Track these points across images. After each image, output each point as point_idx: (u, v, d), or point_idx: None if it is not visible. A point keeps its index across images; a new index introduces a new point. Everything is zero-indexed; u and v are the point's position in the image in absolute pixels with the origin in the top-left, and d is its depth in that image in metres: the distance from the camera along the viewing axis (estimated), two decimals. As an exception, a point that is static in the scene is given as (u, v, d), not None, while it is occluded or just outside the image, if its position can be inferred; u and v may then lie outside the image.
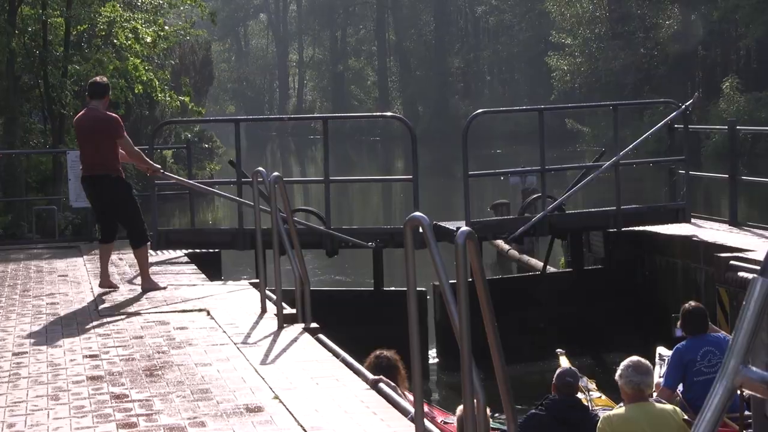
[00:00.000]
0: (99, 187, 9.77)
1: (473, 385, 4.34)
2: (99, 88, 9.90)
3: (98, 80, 10.13)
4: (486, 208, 21.41)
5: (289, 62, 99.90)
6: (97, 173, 9.70)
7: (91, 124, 9.71)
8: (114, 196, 9.77)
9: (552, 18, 58.87)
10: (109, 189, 9.73)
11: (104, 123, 9.64)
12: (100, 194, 9.82)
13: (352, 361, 6.86)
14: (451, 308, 4.47)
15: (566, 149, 47.58)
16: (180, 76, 35.46)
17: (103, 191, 9.77)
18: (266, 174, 8.51)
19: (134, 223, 9.91)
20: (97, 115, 9.70)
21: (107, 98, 9.90)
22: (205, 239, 13.06)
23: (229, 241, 12.66)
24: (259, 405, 5.83)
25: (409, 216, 4.82)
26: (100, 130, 9.64)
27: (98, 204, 10.08)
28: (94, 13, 21.82)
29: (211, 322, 8.40)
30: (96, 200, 10.04)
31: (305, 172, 59.02)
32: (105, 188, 9.74)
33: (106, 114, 9.75)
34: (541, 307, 13.08)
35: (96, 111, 9.73)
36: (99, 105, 9.77)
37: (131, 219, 9.90)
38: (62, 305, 9.43)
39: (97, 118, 9.69)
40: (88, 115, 9.80)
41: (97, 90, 9.87)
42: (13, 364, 7.08)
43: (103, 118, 9.69)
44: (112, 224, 10.07)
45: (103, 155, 9.64)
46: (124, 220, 9.96)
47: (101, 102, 9.80)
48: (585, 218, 13.78)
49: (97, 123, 9.67)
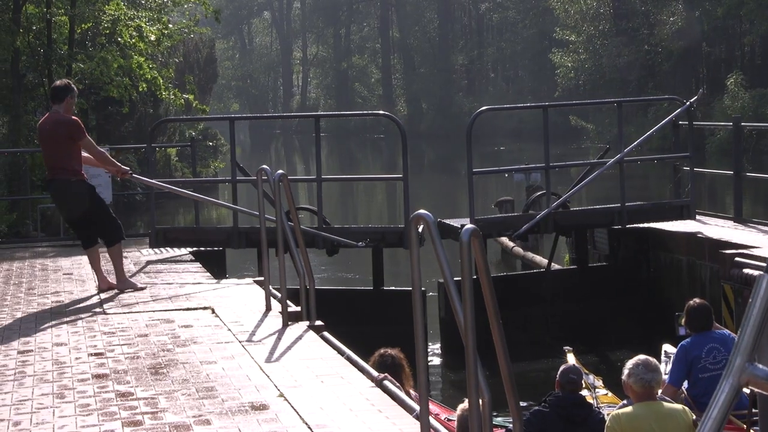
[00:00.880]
0: (59, 190, 9.72)
1: (478, 382, 4.34)
2: (59, 91, 9.77)
3: (58, 84, 10.02)
4: (490, 205, 21.40)
5: (293, 60, 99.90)
6: (57, 177, 9.65)
7: (51, 127, 9.63)
8: (75, 199, 9.69)
9: (556, 15, 58.82)
10: (70, 192, 9.66)
11: (63, 126, 9.54)
12: (61, 197, 9.80)
13: (357, 359, 6.87)
14: (456, 305, 4.47)
15: (570, 146, 47.58)
16: (184, 74, 35.46)
17: (63, 194, 9.74)
18: (270, 172, 8.50)
19: (103, 222, 9.82)
20: (58, 119, 9.60)
21: (69, 100, 9.72)
22: (202, 237, 13.07)
23: (224, 240, 12.66)
24: (264, 403, 5.83)
25: (414, 213, 4.81)
26: (59, 133, 9.55)
27: (61, 207, 10.05)
28: (99, 11, 21.83)
29: (215, 320, 8.41)
30: (58, 203, 10.04)
31: (309, 169, 58.94)
32: (65, 191, 9.69)
33: (66, 117, 9.62)
34: (546, 304, 13.08)
35: (57, 114, 9.64)
36: (60, 108, 9.66)
37: (98, 218, 9.80)
38: (67, 303, 9.44)
39: (56, 121, 9.60)
40: (49, 118, 9.73)
41: (57, 93, 9.78)
42: (18, 362, 7.09)
43: (63, 121, 9.58)
44: (86, 229, 9.93)
45: (63, 158, 9.57)
46: (92, 219, 9.82)
47: (62, 105, 9.67)
48: (589, 215, 13.76)
49: (56, 126, 9.58)
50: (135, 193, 23.46)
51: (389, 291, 12.74)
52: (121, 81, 22.20)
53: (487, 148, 50.25)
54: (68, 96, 9.71)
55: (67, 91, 9.74)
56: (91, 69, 21.66)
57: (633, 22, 51.77)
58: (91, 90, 24.82)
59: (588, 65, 53.76)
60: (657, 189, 27.73)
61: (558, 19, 58.47)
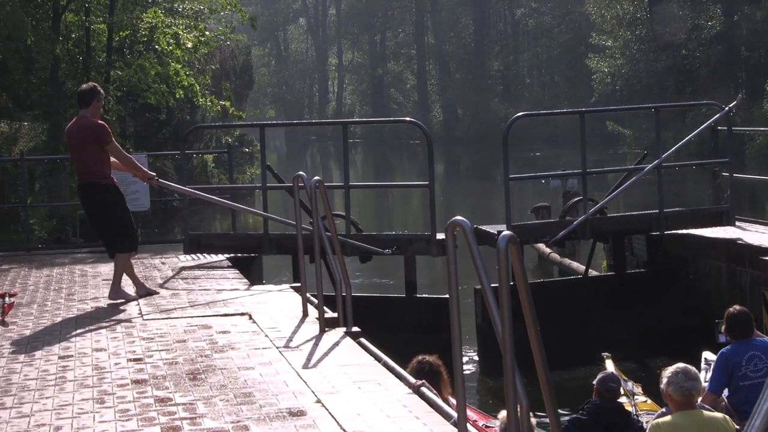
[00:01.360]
0: (87, 194, 9.76)
1: (516, 390, 4.32)
2: (85, 95, 9.78)
3: (84, 87, 10.02)
4: (527, 211, 21.33)
5: (328, 66, 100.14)
6: (86, 181, 9.70)
7: (78, 132, 9.66)
8: (101, 203, 9.72)
9: (592, 20, 58.54)
10: (97, 196, 9.70)
11: (90, 131, 9.57)
12: (89, 202, 9.83)
13: (394, 366, 6.86)
14: (494, 312, 4.45)
15: (607, 152, 47.30)
16: (220, 81, 35.66)
17: (91, 199, 9.77)
18: (307, 178, 8.52)
19: (121, 230, 9.81)
20: (84, 123, 9.63)
21: (95, 104, 9.72)
22: (234, 243, 13.12)
23: (256, 246, 12.70)
24: (301, 409, 5.85)
25: (451, 220, 4.81)
26: (86, 138, 9.57)
27: (89, 212, 10.05)
28: (136, 19, 22.01)
29: (253, 326, 8.44)
30: (86, 208, 10.04)
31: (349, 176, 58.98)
32: (93, 196, 9.73)
33: (92, 122, 9.63)
34: (583, 311, 13.00)
35: (83, 119, 9.66)
36: (87, 112, 9.68)
37: (118, 226, 9.80)
38: (106, 309, 9.51)
39: (83, 126, 9.63)
40: (76, 123, 9.76)
41: (83, 98, 9.79)
42: (59, 367, 7.15)
43: (89, 125, 9.60)
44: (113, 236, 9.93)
45: (91, 163, 9.60)
46: (111, 226, 9.83)
47: (89, 109, 9.69)
48: (627, 221, 13.67)
49: (83, 131, 9.61)
50: (172, 199, 23.59)
51: (422, 298, 12.69)
52: (159, 88, 22.37)
53: (523, 154, 50.06)
54: (95, 99, 9.72)
55: (94, 95, 9.74)
56: (129, 76, 21.85)
57: (670, 27, 51.40)
58: (129, 97, 25.02)
59: (625, 70, 53.45)
60: (695, 195, 27.51)
61: (594, 24, 58.19)
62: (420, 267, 12.97)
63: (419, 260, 12.84)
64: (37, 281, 11.49)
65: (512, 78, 78.33)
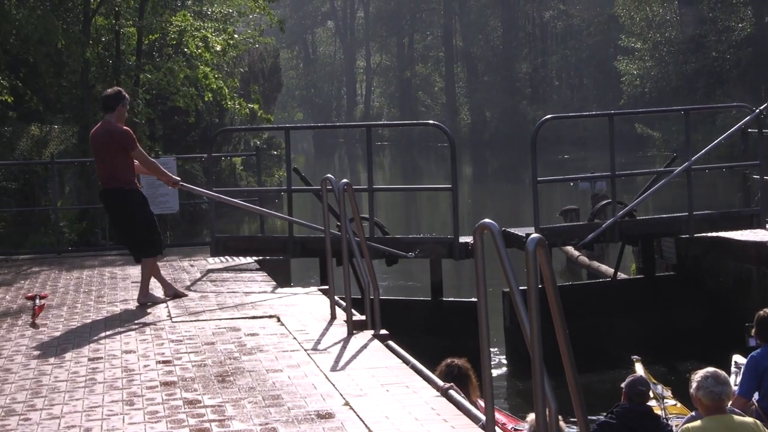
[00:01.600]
0: (111, 199, 9.77)
1: (545, 393, 4.31)
2: (110, 100, 9.75)
3: (109, 92, 9.97)
4: (554, 214, 21.25)
5: (356, 69, 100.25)
6: (110, 186, 9.70)
7: (102, 137, 9.66)
8: (124, 208, 9.74)
9: (621, 22, 58.29)
10: (121, 201, 9.70)
11: (115, 137, 9.56)
12: (113, 207, 9.83)
13: (422, 368, 6.85)
14: (522, 315, 4.44)
15: (636, 154, 47.08)
16: (249, 84, 35.80)
17: (114, 203, 9.77)
18: (335, 181, 8.53)
19: (145, 234, 9.81)
20: (109, 129, 9.62)
21: (120, 109, 9.70)
22: (258, 246, 13.16)
23: (281, 249, 12.72)
24: (330, 411, 5.85)
25: (479, 223, 4.81)
26: (111, 144, 9.57)
27: (112, 217, 10.06)
28: (166, 22, 22.13)
29: (281, 328, 8.46)
30: (110, 213, 10.06)
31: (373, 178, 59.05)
32: (117, 200, 9.73)
33: (117, 127, 9.61)
34: (612, 314, 12.95)
35: (108, 124, 9.65)
36: (112, 117, 9.67)
37: (143, 230, 9.80)
38: (136, 311, 9.56)
39: (108, 132, 9.62)
40: (100, 128, 9.75)
41: (108, 103, 9.76)
42: (89, 369, 7.20)
43: (113, 131, 9.59)
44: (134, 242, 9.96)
45: (115, 168, 9.60)
46: (135, 230, 9.84)
47: (113, 114, 9.67)
48: (656, 224, 13.61)
49: (108, 136, 9.60)
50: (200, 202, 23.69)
51: (448, 302, 12.65)
52: (188, 91, 22.46)
53: (551, 156, 49.90)
54: (119, 105, 9.70)
55: (119, 100, 9.72)
56: (158, 79, 21.95)
57: (700, 29, 51.10)
58: (158, 100, 25.15)
59: (654, 72, 53.18)
60: (725, 198, 27.32)
61: (623, 26, 57.93)
62: (445, 270, 12.95)
63: (445, 263, 12.82)
64: (67, 283, 11.57)
65: (540, 80, 78.11)
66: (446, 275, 13.60)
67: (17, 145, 20.59)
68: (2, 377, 7.08)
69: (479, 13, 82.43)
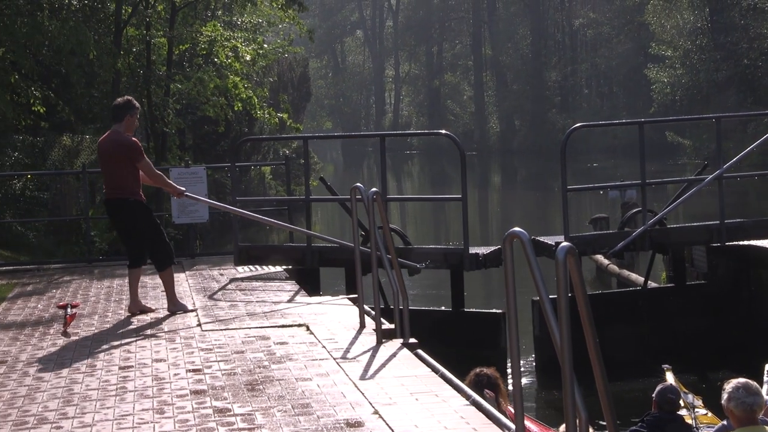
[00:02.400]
0: (116, 210, 9.77)
1: (575, 402, 4.29)
2: (119, 110, 9.72)
3: (119, 102, 9.92)
4: (584, 223, 21.18)
5: (385, 78, 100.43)
6: (115, 197, 9.70)
7: (110, 148, 9.66)
8: (130, 220, 9.74)
9: (652, 30, 58.07)
10: (126, 212, 9.70)
11: (121, 147, 9.56)
12: (117, 217, 9.84)
13: (451, 377, 6.84)
14: (552, 324, 4.43)
15: (667, 162, 46.86)
16: (278, 93, 35.93)
17: (119, 215, 9.78)
18: (364, 190, 8.54)
19: (155, 245, 9.82)
20: (116, 139, 9.62)
21: (129, 119, 9.67)
22: (279, 255, 13.17)
23: (300, 258, 12.72)
24: (359, 420, 5.85)
25: (509, 231, 4.80)
26: (118, 154, 9.57)
27: (117, 228, 10.05)
28: (196, 32, 22.26)
29: (310, 337, 8.47)
30: (115, 224, 10.06)
31: (402, 187, 59.16)
32: (121, 212, 9.73)
33: (124, 138, 9.60)
34: (643, 322, 12.88)
35: (116, 134, 9.64)
36: (120, 127, 9.65)
37: (151, 242, 9.82)
38: (166, 320, 9.61)
39: (115, 142, 9.62)
40: (108, 138, 9.74)
41: (116, 112, 9.74)
42: (119, 377, 7.24)
43: (121, 142, 9.58)
44: (137, 249, 9.94)
45: (121, 179, 9.60)
46: (144, 242, 9.85)
47: (122, 124, 9.65)
48: (687, 232, 13.52)
49: (115, 147, 9.60)
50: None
51: (469, 312, 12.56)
52: (217, 101, 22.58)
53: (581, 165, 49.78)
54: (128, 114, 9.67)
55: (128, 110, 9.69)
56: (188, 89, 22.09)
57: (731, 36, 50.81)
58: (188, 109, 25.30)
59: (685, 80, 52.92)
60: (757, 206, 27.14)
61: (654, 33, 57.71)
62: (467, 279, 12.85)
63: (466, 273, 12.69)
64: (98, 292, 11.65)
65: (570, 88, 77.95)
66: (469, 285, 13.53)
67: (49, 155, 20.78)
68: (35, 385, 7.13)
69: (508, 21, 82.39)
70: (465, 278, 12.54)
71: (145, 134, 24.36)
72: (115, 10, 20.12)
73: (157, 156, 22.07)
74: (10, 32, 17.00)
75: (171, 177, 14.16)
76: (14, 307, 10.82)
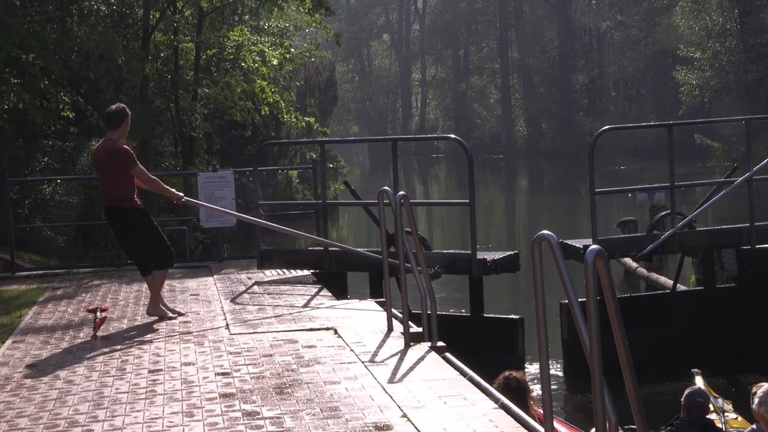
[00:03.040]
0: (111, 216, 9.83)
1: (605, 406, 4.27)
2: (113, 117, 9.75)
3: (113, 109, 9.93)
4: (612, 226, 21.09)
5: (411, 81, 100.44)
6: (111, 203, 9.77)
7: (103, 156, 9.70)
8: (125, 226, 9.78)
9: (680, 32, 57.75)
10: (121, 219, 9.76)
11: (115, 156, 9.58)
12: (114, 224, 9.91)
13: (479, 380, 6.83)
14: (581, 327, 4.42)
15: (695, 165, 46.60)
16: (305, 97, 36.05)
17: (115, 221, 9.84)
18: (392, 193, 8.54)
19: (154, 248, 9.85)
20: (109, 147, 9.66)
21: (123, 126, 9.71)
22: (297, 259, 13.19)
23: (317, 262, 12.73)
24: (387, 423, 5.86)
25: (537, 234, 4.79)
26: (112, 162, 9.60)
27: (115, 233, 10.13)
28: (223, 37, 22.35)
29: (338, 340, 8.48)
30: (112, 229, 10.12)
31: (428, 191, 59.16)
32: (116, 218, 9.79)
33: (117, 146, 9.63)
34: (672, 326, 12.81)
35: (109, 142, 9.69)
36: (114, 135, 9.69)
37: (150, 245, 9.83)
38: (194, 324, 9.65)
39: (108, 150, 9.65)
40: (102, 146, 9.79)
41: (111, 120, 9.76)
42: (149, 381, 7.28)
43: (114, 150, 9.61)
44: (138, 257, 9.97)
45: (114, 186, 9.65)
46: (143, 246, 9.86)
47: (117, 131, 9.69)
48: (717, 235, 13.44)
49: (108, 155, 9.64)
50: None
51: (488, 318, 12.49)
52: (245, 105, 22.67)
53: (608, 168, 49.57)
54: (124, 122, 9.72)
55: (123, 117, 9.73)
56: (216, 93, 22.18)
57: (761, 38, 50.45)
58: (215, 114, 25.40)
59: (713, 82, 52.59)
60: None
61: (682, 35, 57.40)
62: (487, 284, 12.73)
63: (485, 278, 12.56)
64: (127, 296, 11.71)
65: (597, 91, 77.68)
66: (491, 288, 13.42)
67: (78, 160, 20.92)
68: (65, 389, 7.18)
69: (535, 24, 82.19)
70: (485, 282, 12.46)
71: (173, 139, 24.49)
72: (143, 16, 20.24)
73: (184, 160, 22.16)
74: (40, 38, 17.13)
75: (199, 181, 14.24)
76: (44, 311, 10.90)
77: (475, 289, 12.23)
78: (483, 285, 12.27)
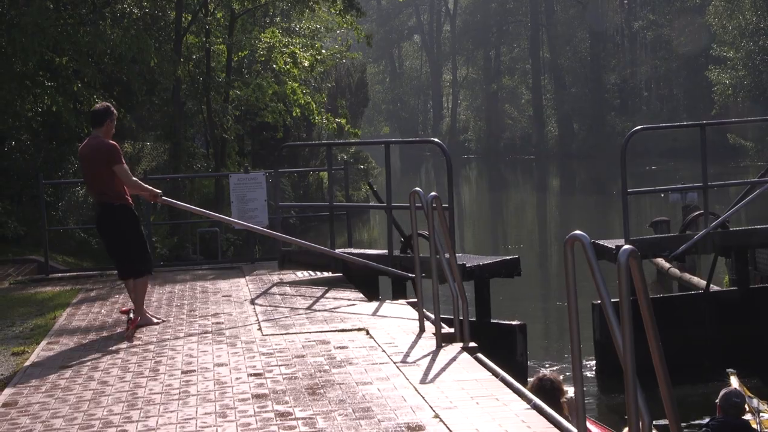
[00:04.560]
0: (100, 214, 9.80)
1: (638, 407, 4.26)
2: (98, 115, 9.78)
3: (98, 108, 9.98)
4: (644, 226, 20.98)
5: (442, 82, 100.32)
6: (99, 201, 9.74)
7: (89, 152, 9.70)
8: (113, 224, 9.72)
9: (713, 31, 57.33)
10: (109, 217, 9.70)
11: (102, 151, 9.57)
12: (101, 221, 9.83)
13: (512, 381, 6.82)
14: (614, 327, 4.40)
15: (729, 165, 46.26)
16: (336, 99, 36.09)
17: (103, 219, 9.78)
18: (423, 194, 8.54)
19: (134, 253, 9.78)
20: (94, 143, 9.67)
21: (109, 124, 9.72)
22: (315, 261, 13.20)
23: (328, 264, 12.74)
24: (420, 424, 5.86)
25: (569, 234, 4.78)
26: (98, 159, 9.59)
27: (100, 231, 10.03)
28: (255, 39, 22.44)
29: (370, 341, 8.49)
30: (99, 227, 10.01)
31: (459, 191, 59.08)
32: (104, 216, 9.73)
33: (104, 142, 9.64)
34: (705, 326, 12.73)
35: (96, 139, 9.69)
36: (100, 132, 9.71)
37: (131, 248, 9.77)
38: (227, 325, 9.69)
39: (93, 147, 9.66)
40: (88, 143, 9.79)
41: (96, 118, 9.80)
42: (182, 382, 7.32)
43: (101, 146, 9.61)
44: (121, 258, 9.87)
45: (102, 183, 9.62)
46: (124, 248, 9.78)
47: (102, 129, 9.70)
48: (750, 235, 13.33)
49: (93, 151, 9.64)
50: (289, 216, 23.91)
51: (494, 324, 12.38)
52: (276, 106, 22.73)
53: (639, 168, 49.28)
54: (108, 120, 9.74)
55: (107, 115, 9.75)
56: (247, 95, 22.26)
57: (795, 37, 50.03)
58: (246, 116, 25.48)
59: (747, 82, 52.16)
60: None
61: (715, 35, 56.97)
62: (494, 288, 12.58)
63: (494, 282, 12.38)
64: (160, 297, 11.78)
65: (629, 91, 77.21)
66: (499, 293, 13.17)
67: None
68: (99, 390, 7.24)
69: (567, 25, 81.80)
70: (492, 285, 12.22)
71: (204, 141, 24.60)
72: (176, 18, 20.36)
73: (216, 162, 22.26)
74: (73, 41, 17.27)
75: (230, 183, 14.28)
76: (78, 312, 10.99)
77: (480, 293, 11.94)
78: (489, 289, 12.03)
